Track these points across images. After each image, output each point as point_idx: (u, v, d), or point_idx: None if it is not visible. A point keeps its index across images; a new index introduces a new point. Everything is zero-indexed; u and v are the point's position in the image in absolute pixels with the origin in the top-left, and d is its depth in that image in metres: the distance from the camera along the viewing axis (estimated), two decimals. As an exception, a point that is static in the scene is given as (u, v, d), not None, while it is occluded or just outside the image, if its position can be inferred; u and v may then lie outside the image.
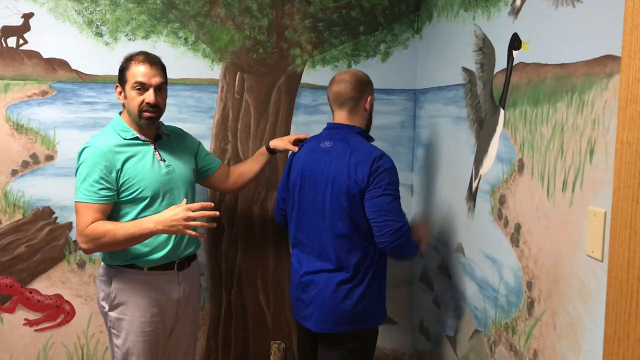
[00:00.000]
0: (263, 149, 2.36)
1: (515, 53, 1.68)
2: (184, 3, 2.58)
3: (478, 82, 1.97)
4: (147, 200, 2.03)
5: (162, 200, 2.06)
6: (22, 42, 2.52)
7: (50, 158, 2.57)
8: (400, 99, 2.73)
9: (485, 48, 1.91)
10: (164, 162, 2.09)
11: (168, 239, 2.06)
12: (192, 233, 1.92)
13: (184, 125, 2.39)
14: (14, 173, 2.56)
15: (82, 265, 2.62)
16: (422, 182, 2.63)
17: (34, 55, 2.53)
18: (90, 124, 2.56)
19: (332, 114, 2.12)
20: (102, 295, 2.09)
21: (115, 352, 2.09)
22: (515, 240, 1.66)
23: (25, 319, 2.61)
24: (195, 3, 2.58)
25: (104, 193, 1.96)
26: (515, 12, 1.68)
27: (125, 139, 2.04)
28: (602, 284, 1.21)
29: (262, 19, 2.62)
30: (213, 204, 1.98)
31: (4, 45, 2.52)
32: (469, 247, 2.05)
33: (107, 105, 2.57)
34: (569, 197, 1.37)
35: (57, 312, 2.62)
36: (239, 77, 2.65)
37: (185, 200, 2.00)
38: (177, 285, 2.13)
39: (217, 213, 1.97)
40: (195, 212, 1.91)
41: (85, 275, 2.62)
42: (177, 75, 2.52)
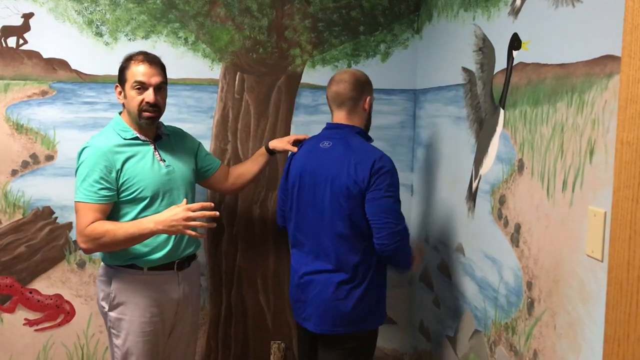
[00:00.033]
0: (262, 150, 2.36)
1: (515, 53, 1.68)
2: (184, 3, 2.57)
3: (478, 82, 1.97)
4: (147, 200, 2.03)
5: (162, 201, 2.06)
6: (22, 42, 2.52)
7: (50, 158, 2.57)
8: (400, 99, 2.73)
9: (485, 48, 1.91)
10: (164, 162, 2.09)
11: (168, 239, 2.06)
12: (192, 233, 1.92)
13: (184, 125, 2.39)
14: (14, 173, 2.56)
15: (82, 265, 2.62)
16: (422, 182, 2.63)
17: (34, 55, 2.53)
18: (90, 124, 2.56)
19: (331, 114, 2.12)
20: (101, 295, 2.09)
21: (115, 352, 2.09)
22: (515, 240, 1.66)
23: (25, 319, 2.61)
24: (195, 3, 2.58)
25: (104, 193, 1.96)
26: (515, 12, 1.68)
27: (125, 139, 2.04)
28: (602, 284, 1.21)
29: (262, 19, 2.62)
30: (213, 204, 1.98)
31: (4, 45, 2.52)
32: (469, 247, 2.05)
33: (107, 105, 2.57)
34: (569, 197, 1.37)
35: (57, 312, 2.62)
36: (239, 77, 2.65)
37: (185, 200, 2.00)
38: (176, 285, 2.13)
39: (217, 213, 1.97)
40: (195, 212, 1.91)
41: (85, 275, 2.62)
42: (177, 75, 2.52)
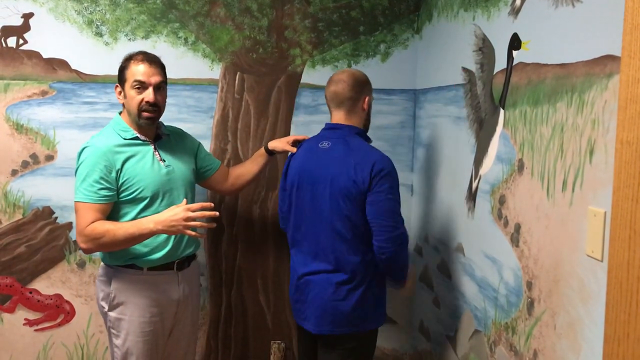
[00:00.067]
0: (262, 150, 2.36)
1: (515, 53, 1.68)
2: (184, 3, 2.57)
3: (478, 82, 1.97)
4: (146, 200, 2.03)
5: (161, 200, 2.05)
6: (22, 42, 2.52)
7: (50, 158, 2.57)
8: (400, 99, 2.73)
9: (485, 48, 1.91)
10: (164, 162, 2.09)
11: (167, 239, 2.06)
12: (191, 233, 1.92)
13: (184, 125, 2.39)
14: (14, 173, 2.56)
15: (82, 265, 2.62)
16: (422, 182, 2.62)
17: (34, 55, 2.53)
18: (90, 124, 2.56)
19: (329, 114, 2.11)
20: (101, 295, 2.09)
21: (115, 352, 2.09)
22: (515, 240, 1.66)
23: (25, 319, 2.61)
24: (195, 3, 2.58)
25: (104, 193, 1.96)
26: (515, 12, 1.68)
27: (125, 139, 2.04)
28: (602, 284, 1.21)
29: (262, 19, 2.62)
30: (213, 204, 1.98)
31: (4, 45, 2.52)
32: (469, 247, 2.05)
33: (107, 105, 2.57)
34: (569, 197, 1.37)
35: (57, 312, 2.62)
36: (239, 77, 2.65)
37: (185, 201, 2.00)
38: (176, 286, 2.13)
39: (217, 213, 1.97)
40: (195, 212, 1.91)
41: (85, 275, 2.62)
42: (177, 75, 2.52)
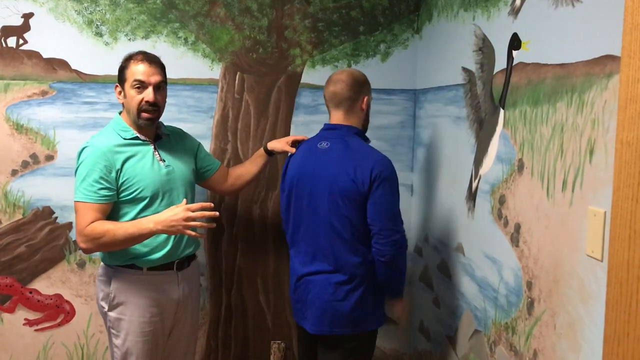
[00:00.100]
0: (261, 151, 2.36)
1: (515, 53, 1.68)
2: (184, 3, 2.57)
3: (478, 82, 1.97)
4: (146, 200, 2.03)
5: (161, 200, 2.05)
6: (22, 42, 2.52)
7: (50, 158, 2.57)
8: (400, 99, 2.73)
9: (485, 48, 1.91)
10: (164, 162, 2.09)
11: (167, 239, 2.06)
12: (191, 233, 1.92)
13: (184, 125, 2.39)
14: (14, 173, 2.56)
15: (82, 265, 2.62)
16: (422, 182, 2.63)
17: (34, 55, 2.53)
18: (90, 124, 2.56)
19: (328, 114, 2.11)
20: (101, 295, 2.09)
21: (115, 352, 2.09)
22: (515, 240, 1.66)
23: (25, 319, 2.61)
24: (195, 3, 2.58)
25: (104, 193, 1.96)
26: (515, 12, 1.68)
27: (125, 139, 2.04)
28: (602, 284, 1.21)
29: (262, 19, 2.62)
30: (213, 205, 1.98)
31: (4, 45, 2.52)
32: (469, 247, 2.05)
33: (107, 105, 2.57)
34: (569, 197, 1.37)
35: (57, 312, 2.62)
36: (239, 77, 2.65)
37: (185, 201, 2.00)
38: (176, 286, 2.13)
39: (216, 213, 1.96)
40: (195, 212, 1.91)
41: (85, 275, 2.62)
42: (177, 75, 2.52)
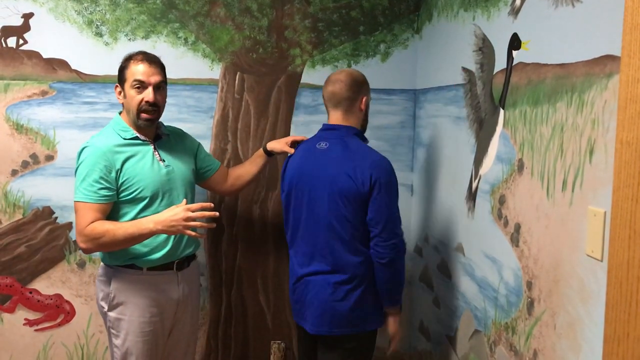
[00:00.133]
0: (260, 151, 2.35)
1: (515, 53, 1.68)
2: (184, 3, 2.57)
3: (478, 82, 1.97)
4: (146, 200, 2.03)
5: (161, 200, 2.05)
6: (22, 42, 2.52)
7: (50, 158, 2.57)
8: (400, 99, 2.73)
9: (485, 48, 1.91)
10: (164, 162, 2.09)
11: (167, 239, 2.06)
12: (191, 233, 1.92)
13: (184, 125, 2.39)
14: (14, 173, 2.56)
15: (82, 265, 2.62)
16: (422, 182, 2.63)
17: (34, 55, 2.53)
18: (90, 124, 2.56)
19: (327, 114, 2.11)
20: (101, 295, 2.09)
21: (115, 352, 2.09)
22: (515, 240, 1.66)
23: (25, 319, 2.61)
24: (195, 3, 2.58)
25: (104, 193, 1.96)
26: (515, 12, 1.68)
27: (125, 139, 2.04)
28: (602, 284, 1.21)
29: (262, 19, 2.62)
30: (213, 205, 1.98)
31: (4, 45, 2.52)
32: (469, 247, 2.05)
33: (107, 105, 2.57)
34: (569, 196, 1.37)
35: (57, 312, 2.62)
36: (239, 77, 2.65)
37: (185, 201, 2.00)
38: (176, 286, 2.13)
39: (216, 213, 1.96)
40: (195, 212, 1.91)
41: (85, 275, 2.62)
42: (177, 75, 2.52)
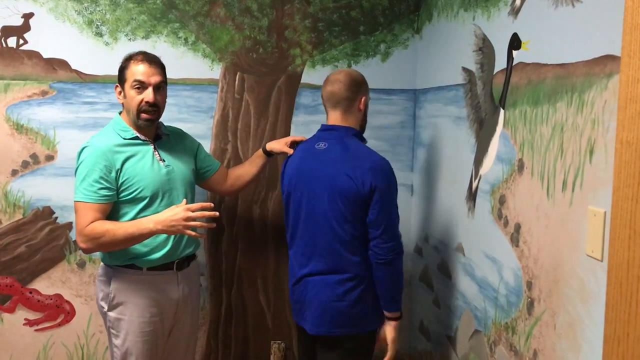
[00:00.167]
0: (260, 152, 2.35)
1: (515, 53, 1.68)
2: (184, 3, 2.57)
3: (478, 82, 1.97)
4: (146, 200, 2.03)
5: (161, 200, 2.05)
6: (22, 42, 2.52)
7: (51, 158, 2.57)
8: (400, 99, 2.73)
9: (485, 48, 1.91)
10: (164, 162, 2.09)
11: (167, 239, 2.06)
12: (191, 233, 1.92)
13: (184, 125, 2.39)
14: (14, 173, 2.56)
15: (82, 265, 2.62)
16: (422, 182, 2.63)
17: (34, 55, 2.53)
18: (91, 124, 2.56)
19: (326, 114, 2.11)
20: (101, 295, 2.09)
21: (115, 352, 2.09)
22: (515, 240, 1.66)
23: (26, 319, 2.61)
24: (195, 3, 2.58)
25: (104, 193, 1.96)
26: (515, 12, 1.68)
27: (125, 139, 2.04)
28: (602, 284, 1.21)
29: (262, 19, 2.62)
30: (213, 205, 1.98)
31: (4, 45, 2.52)
32: (469, 247, 2.05)
33: (107, 105, 2.57)
34: (569, 196, 1.37)
35: (57, 312, 2.62)
36: (239, 77, 2.65)
37: (185, 200, 2.00)
38: (176, 286, 2.13)
39: (216, 213, 1.96)
40: (195, 212, 1.91)
41: (86, 275, 2.62)
42: (177, 75, 2.52)
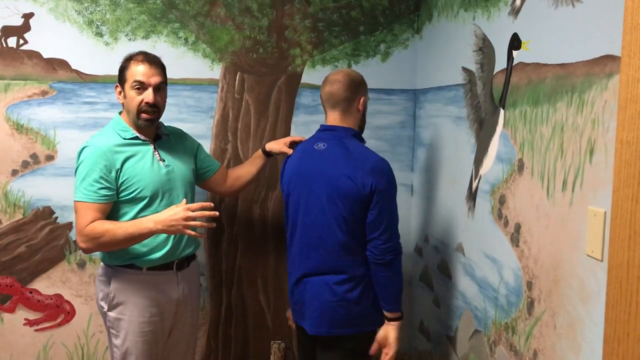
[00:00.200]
0: (259, 152, 2.35)
1: (515, 53, 1.68)
2: (184, 3, 2.58)
3: (478, 82, 1.97)
4: (146, 200, 2.03)
5: (161, 200, 2.05)
6: (22, 42, 2.52)
7: (51, 158, 2.57)
8: (400, 99, 2.73)
9: (485, 48, 1.91)
10: (164, 162, 2.09)
11: (167, 239, 2.06)
12: (191, 233, 1.92)
13: (184, 125, 2.39)
14: (14, 173, 2.56)
15: (82, 265, 2.62)
16: (422, 182, 2.63)
17: (34, 55, 2.53)
18: (91, 124, 2.56)
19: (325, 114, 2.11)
20: (101, 295, 2.09)
21: (115, 352, 2.09)
22: (515, 240, 1.66)
23: (26, 319, 2.61)
24: (195, 3, 2.58)
25: (104, 192, 1.96)
26: (515, 12, 1.68)
27: (125, 139, 2.04)
28: (602, 284, 1.21)
29: (262, 19, 2.62)
30: (212, 204, 1.98)
31: (4, 45, 2.52)
32: (469, 247, 2.05)
33: (107, 105, 2.57)
34: (569, 196, 1.37)
35: (57, 312, 2.62)
36: (239, 77, 2.65)
37: (185, 200, 2.00)
38: (176, 285, 2.13)
39: (216, 213, 1.96)
40: (195, 212, 1.91)
41: (86, 275, 2.62)
42: (177, 75, 2.52)
